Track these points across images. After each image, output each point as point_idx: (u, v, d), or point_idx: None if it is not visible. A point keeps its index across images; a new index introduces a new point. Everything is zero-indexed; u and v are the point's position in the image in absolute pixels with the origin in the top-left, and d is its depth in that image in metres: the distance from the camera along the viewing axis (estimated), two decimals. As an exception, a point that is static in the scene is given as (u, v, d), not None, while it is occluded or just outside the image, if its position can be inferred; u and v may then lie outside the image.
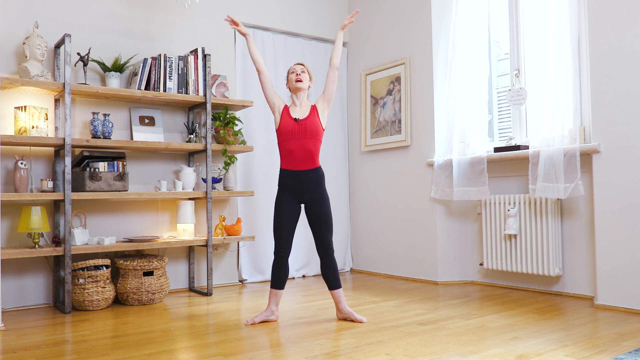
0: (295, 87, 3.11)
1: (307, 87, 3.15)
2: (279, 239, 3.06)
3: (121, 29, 4.01)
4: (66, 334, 2.85)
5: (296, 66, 3.16)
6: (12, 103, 3.54)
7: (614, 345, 2.49)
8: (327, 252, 3.08)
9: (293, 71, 3.14)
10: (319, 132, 3.06)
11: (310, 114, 3.07)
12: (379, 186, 4.91)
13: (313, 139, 3.04)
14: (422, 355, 2.37)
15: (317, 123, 3.06)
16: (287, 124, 3.04)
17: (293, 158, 3.04)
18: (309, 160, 3.04)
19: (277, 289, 3.07)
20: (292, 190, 3.06)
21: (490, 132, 4.34)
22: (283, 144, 3.06)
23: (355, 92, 5.22)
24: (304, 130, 3.02)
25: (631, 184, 3.19)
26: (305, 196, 3.06)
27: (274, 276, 3.07)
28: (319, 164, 3.09)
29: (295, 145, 3.02)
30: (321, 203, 3.06)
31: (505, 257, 3.91)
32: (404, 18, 4.69)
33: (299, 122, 3.03)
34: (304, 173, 3.04)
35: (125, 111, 4.00)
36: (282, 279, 3.07)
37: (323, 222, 3.06)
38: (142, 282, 3.61)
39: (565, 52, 3.57)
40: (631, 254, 3.18)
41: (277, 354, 2.44)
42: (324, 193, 3.09)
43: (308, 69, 3.17)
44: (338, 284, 3.09)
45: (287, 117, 3.06)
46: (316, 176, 3.06)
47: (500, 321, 2.98)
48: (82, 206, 3.78)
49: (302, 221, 4.15)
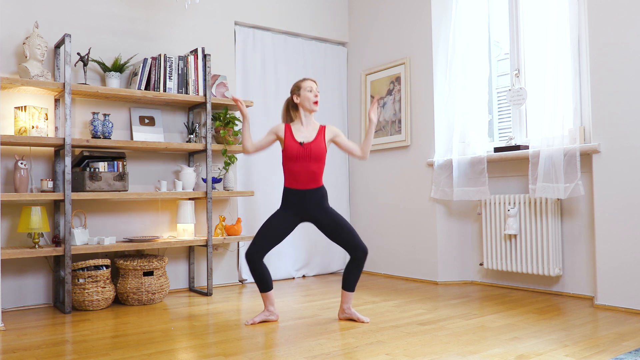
0: (311, 109, 3.03)
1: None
2: (255, 243, 2.98)
3: (121, 29, 4.01)
4: (66, 334, 2.85)
5: (312, 84, 3.04)
6: (12, 103, 3.54)
7: (614, 345, 2.49)
8: (365, 255, 3.00)
9: (311, 89, 3.03)
10: (323, 155, 3.02)
11: (317, 137, 3.02)
12: (379, 186, 4.91)
13: (317, 162, 3.00)
14: (422, 355, 2.37)
15: (322, 147, 3.00)
16: (292, 147, 2.98)
17: (296, 178, 3.00)
18: (312, 181, 3.01)
19: (267, 291, 3.04)
20: (296, 208, 3.02)
21: (490, 132, 4.34)
22: (287, 164, 3.01)
23: (355, 92, 5.22)
24: (309, 155, 2.98)
25: (631, 184, 3.19)
26: (311, 213, 3.02)
27: (258, 281, 3.02)
28: (322, 183, 3.06)
29: (299, 167, 2.98)
30: (331, 214, 3.03)
31: (505, 257, 3.91)
32: (404, 18, 4.69)
33: (303, 145, 2.98)
34: (308, 192, 3.01)
35: (125, 111, 4.00)
36: (266, 280, 3.02)
37: (345, 228, 3.00)
38: (142, 282, 3.61)
39: (565, 52, 3.57)
40: (631, 253, 3.18)
41: (277, 354, 2.44)
42: (329, 207, 3.06)
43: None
44: (353, 288, 3.07)
45: (292, 140, 3.00)
46: (319, 194, 3.03)
47: (500, 321, 2.98)
48: (82, 206, 3.78)
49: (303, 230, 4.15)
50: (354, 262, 3.02)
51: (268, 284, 3.03)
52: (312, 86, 3.04)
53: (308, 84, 3.04)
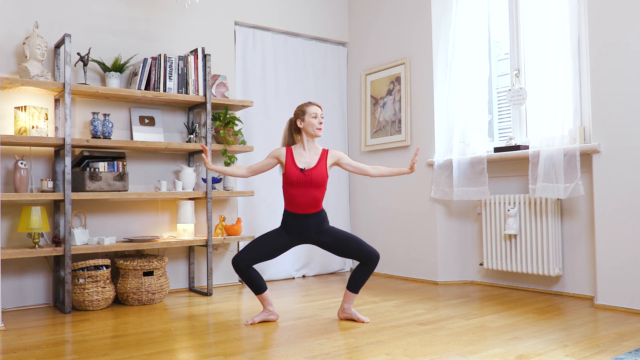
0: (315, 135, 2.98)
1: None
2: (244, 252, 2.95)
3: (121, 29, 4.01)
4: (66, 334, 2.85)
5: (317, 109, 2.98)
6: (12, 103, 3.54)
7: (614, 345, 2.49)
8: (377, 260, 2.99)
9: (315, 116, 2.96)
10: (324, 182, 2.97)
11: (319, 163, 2.97)
12: (379, 186, 4.91)
13: (318, 188, 2.96)
14: (422, 355, 2.37)
15: (323, 174, 2.95)
16: (293, 173, 2.93)
17: (296, 203, 2.95)
18: (312, 206, 2.97)
19: (261, 293, 3.03)
20: (295, 230, 2.99)
21: (490, 132, 4.33)
22: (287, 189, 2.97)
23: (355, 92, 5.22)
24: (309, 181, 2.93)
25: (631, 184, 3.19)
26: (311, 237, 3.00)
27: (250, 285, 3.00)
28: (322, 207, 3.02)
29: (299, 193, 2.93)
30: (333, 231, 3.01)
31: (505, 257, 3.91)
32: (404, 18, 4.69)
33: (304, 172, 2.93)
34: (308, 217, 2.98)
35: (125, 111, 4.00)
36: (258, 282, 3.00)
37: (351, 240, 2.98)
38: (142, 282, 3.61)
39: (565, 52, 3.57)
40: (631, 253, 3.18)
41: (277, 354, 2.44)
42: (328, 226, 3.03)
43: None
44: (358, 290, 3.06)
45: (293, 166, 2.94)
46: (319, 219, 3.00)
47: (500, 321, 2.98)
48: (82, 206, 3.78)
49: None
50: (365, 266, 3.01)
51: (261, 287, 3.01)
52: (317, 112, 2.97)
53: (313, 110, 2.97)
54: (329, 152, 3.04)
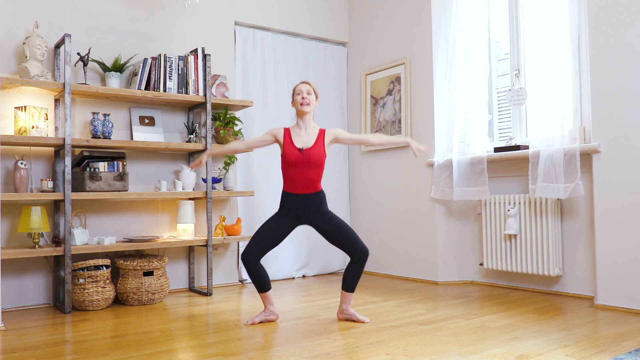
0: (301, 111, 3.01)
1: (313, 110, 3.05)
2: (251, 246, 2.97)
3: (121, 29, 4.01)
4: (66, 334, 2.85)
5: (302, 86, 3.02)
6: (12, 103, 3.54)
7: (614, 345, 2.49)
8: (366, 257, 3.00)
9: (299, 92, 3.00)
10: (322, 161, 3.00)
11: (317, 142, 3.00)
12: (379, 186, 4.91)
13: (316, 168, 2.98)
14: (422, 355, 2.37)
15: (321, 153, 2.98)
16: (291, 153, 2.96)
17: (295, 184, 2.99)
18: (311, 186, 2.99)
19: (265, 291, 3.03)
20: (293, 212, 3.01)
21: (490, 132, 4.34)
22: (286, 169, 3.00)
23: (355, 92, 5.22)
24: (307, 161, 2.96)
25: (631, 184, 3.19)
26: (308, 217, 3.01)
27: (256, 282, 3.01)
28: (320, 187, 3.05)
29: (298, 173, 2.97)
30: (331, 216, 3.03)
31: (505, 257, 3.91)
32: (404, 18, 4.69)
33: (302, 152, 2.96)
34: (306, 196, 3.00)
35: (125, 111, 4.00)
36: (264, 280, 3.01)
37: (345, 231, 3.00)
38: (142, 282, 3.61)
39: (565, 52, 3.57)
40: (631, 253, 3.18)
41: (277, 354, 2.44)
42: (327, 209, 3.05)
43: (314, 88, 3.05)
44: (354, 289, 3.07)
45: (291, 146, 2.98)
46: (318, 198, 3.02)
47: (500, 321, 2.98)
48: (82, 206, 3.78)
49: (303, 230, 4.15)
50: (355, 264, 3.02)
51: (266, 285, 3.02)
52: (300, 89, 3.01)
53: (297, 88, 3.02)
54: (326, 131, 3.06)
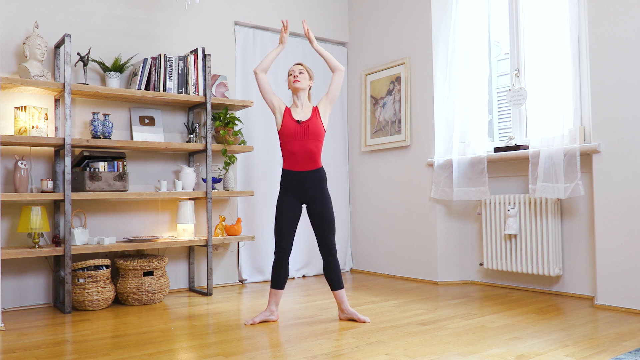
0: (295, 88, 3.12)
1: (307, 87, 3.15)
2: (279, 238, 3.07)
3: (121, 29, 4.01)
4: (66, 334, 2.85)
5: (294, 67, 3.17)
6: (12, 103, 3.54)
7: (614, 345, 2.49)
8: (330, 252, 3.09)
9: (291, 72, 3.15)
10: (320, 134, 3.07)
11: (312, 116, 3.09)
12: (379, 186, 4.91)
13: (315, 141, 3.05)
14: (422, 355, 2.37)
15: (319, 125, 3.07)
16: (290, 126, 3.05)
17: (295, 159, 3.04)
18: (311, 161, 3.05)
19: (277, 289, 3.07)
20: (294, 190, 3.06)
21: (490, 132, 4.34)
22: (285, 145, 3.07)
23: (355, 92, 5.22)
24: (307, 132, 3.03)
25: (631, 184, 3.19)
26: (307, 196, 3.07)
27: (274, 276, 3.07)
28: (321, 164, 3.10)
29: (297, 147, 3.03)
30: (323, 204, 3.07)
31: (505, 257, 3.91)
32: (404, 18, 4.69)
33: (301, 124, 3.04)
34: (306, 174, 3.05)
35: (125, 111, 4.00)
36: (282, 278, 3.07)
37: (325, 222, 3.07)
38: (142, 282, 3.61)
39: (565, 52, 3.57)
40: (631, 253, 3.18)
41: (277, 354, 2.44)
42: (326, 193, 3.10)
43: (307, 69, 3.17)
44: (341, 285, 3.09)
45: (289, 119, 3.07)
46: (318, 177, 3.07)
47: (500, 321, 2.98)
48: (82, 206, 3.78)
49: (303, 221, 4.18)
50: (327, 264, 3.11)
51: (281, 282, 3.08)
52: (292, 69, 3.15)
53: (290, 69, 3.17)
54: (317, 105, 3.16)
